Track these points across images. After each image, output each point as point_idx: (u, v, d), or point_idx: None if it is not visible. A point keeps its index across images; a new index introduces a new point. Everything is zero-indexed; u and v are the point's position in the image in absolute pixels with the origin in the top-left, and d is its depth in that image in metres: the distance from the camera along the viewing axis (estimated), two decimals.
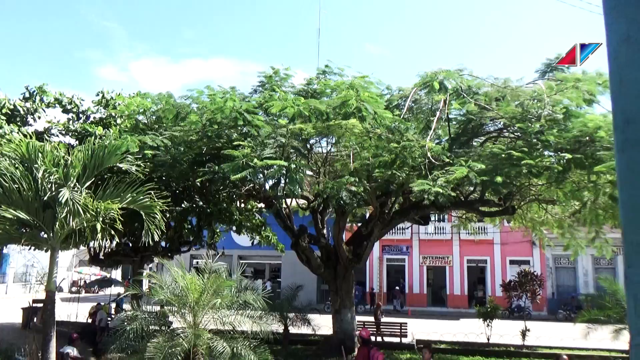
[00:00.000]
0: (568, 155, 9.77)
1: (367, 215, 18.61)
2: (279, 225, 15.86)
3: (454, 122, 13.33)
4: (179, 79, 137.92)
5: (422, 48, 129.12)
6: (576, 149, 10.34)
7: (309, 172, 13.14)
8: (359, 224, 17.59)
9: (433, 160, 10.50)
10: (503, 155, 10.37)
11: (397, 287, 31.01)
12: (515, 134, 12.09)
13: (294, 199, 14.75)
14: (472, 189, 13.35)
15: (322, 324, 15.54)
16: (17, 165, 9.45)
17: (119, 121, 16.60)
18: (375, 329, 17.14)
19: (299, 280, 18.72)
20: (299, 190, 11.23)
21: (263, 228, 19.47)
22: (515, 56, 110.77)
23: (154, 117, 15.19)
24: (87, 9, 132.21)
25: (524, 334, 16.67)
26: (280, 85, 13.84)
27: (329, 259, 15.43)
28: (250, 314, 9.01)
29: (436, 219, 30.24)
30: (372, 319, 18.35)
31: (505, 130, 12.83)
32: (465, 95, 11.78)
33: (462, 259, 30.99)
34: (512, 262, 29.99)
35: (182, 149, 13.04)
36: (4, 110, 15.55)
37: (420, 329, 17.78)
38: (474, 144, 13.32)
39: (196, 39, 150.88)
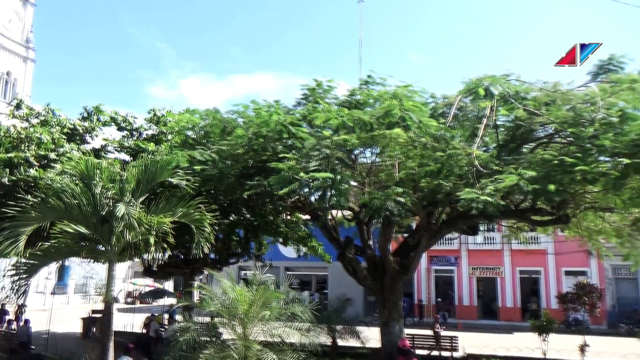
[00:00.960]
0: (626, 160, 9.26)
1: (414, 225, 18.34)
2: (324, 236, 15.89)
3: (502, 129, 12.96)
4: (225, 94, 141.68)
5: (466, 55, 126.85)
6: (634, 153, 9.79)
7: (353, 183, 13.12)
8: (406, 235, 17.36)
9: (481, 169, 10.24)
10: (555, 162, 9.96)
11: (440, 299, 30.29)
12: (568, 139, 11.60)
13: (339, 210, 14.75)
14: (522, 197, 12.90)
15: (371, 336, 15.36)
16: (77, 182, 9.98)
17: (169, 137, 17.20)
18: (434, 343, 16.74)
19: (345, 292, 18.63)
20: (346, 201, 11.22)
21: (309, 239, 19.57)
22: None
23: (202, 132, 15.64)
24: (139, 31, 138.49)
25: (582, 349, 15.83)
26: (323, 97, 13.94)
27: (376, 270, 15.27)
28: (298, 326, 9.05)
29: (485, 228, 29.39)
30: (421, 331, 17.98)
31: (556, 136, 12.34)
32: (512, 100, 11.45)
33: (514, 270, 29.92)
34: (567, 273, 28.67)
35: (229, 162, 13.33)
36: (64, 130, 16.44)
37: (471, 343, 17.24)
38: (524, 150, 12.90)
39: (240, 55, 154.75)
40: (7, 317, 22.22)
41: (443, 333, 18.08)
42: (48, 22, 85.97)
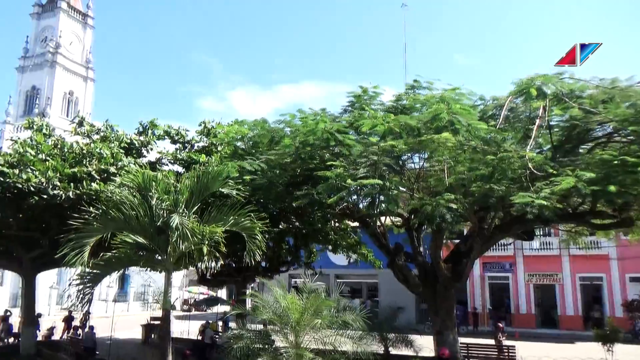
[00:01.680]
0: None
1: (465, 231, 17.89)
2: (374, 244, 15.79)
3: (556, 129, 12.46)
4: (272, 104, 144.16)
5: (514, 55, 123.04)
6: None
7: (402, 189, 13.00)
8: (457, 241, 16.96)
9: (535, 171, 9.89)
10: (616, 162, 9.47)
11: (490, 308, 29.30)
12: (628, 137, 11.02)
13: (388, 217, 14.63)
14: (581, 200, 12.32)
15: (424, 345, 15.07)
16: (135, 194, 10.44)
17: (219, 148, 17.65)
18: (497, 353, 16.20)
19: (396, 299, 18.40)
20: (395, 207, 11.14)
21: (358, 247, 19.50)
22: (622, 56, 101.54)
23: (250, 143, 15.97)
24: (189, 47, 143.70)
25: None
26: (369, 104, 13.91)
27: (427, 277, 14.99)
28: (350, 334, 9.03)
29: (542, 233, 28.20)
30: (476, 340, 17.45)
31: (616, 135, 11.73)
32: (567, 99, 11.01)
33: (574, 277, 28.48)
34: (632, 279, 26.97)
35: (277, 171, 13.53)
36: (122, 145, 17.23)
37: (530, 353, 16.56)
38: (581, 151, 12.34)
39: (286, 65, 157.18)
40: (73, 324, 23.46)
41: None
42: (106, 43, 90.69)
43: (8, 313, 23.25)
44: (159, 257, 10.28)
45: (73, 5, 57.40)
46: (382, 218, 14.77)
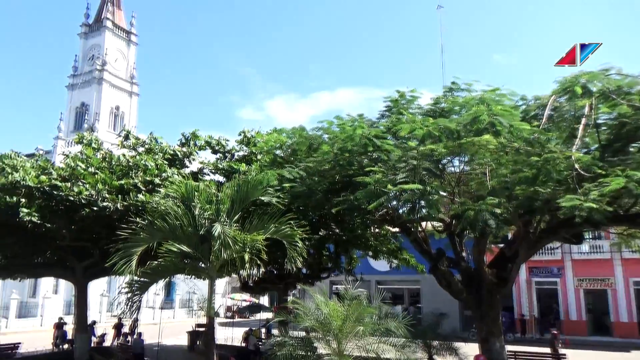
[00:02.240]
0: None
1: (510, 235, 17.38)
2: (415, 249, 15.58)
3: (604, 128, 11.94)
4: (309, 111, 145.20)
5: (555, 53, 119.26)
6: None
7: (443, 193, 12.79)
8: (501, 245, 16.49)
9: (582, 172, 9.51)
10: None
11: (524, 315, 28.27)
12: None
13: (429, 222, 14.42)
14: (632, 201, 11.76)
15: (469, 352, 14.72)
16: (178, 204, 10.75)
17: (259, 157, 17.92)
18: None
19: (439, 305, 18.04)
20: (436, 212, 10.97)
21: (399, 252, 19.29)
22: None
23: (289, 151, 16.12)
24: (227, 58, 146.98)
25: None
26: (407, 108, 13.79)
27: (471, 283, 14.62)
28: (393, 341, 8.94)
29: (591, 236, 27.03)
30: (524, 348, 16.88)
31: None
32: (614, 96, 10.55)
33: (627, 281, 27.11)
34: None
35: (316, 179, 13.58)
36: (166, 156, 17.79)
37: None
38: (631, 150, 11.78)
39: (322, 72, 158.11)
40: (123, 330, 24.28)
41: (545, 350, 16.82)
42: (148, 57, 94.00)
43: (62, 320, 24.31)
44: (203, 265, 10.52)
45: (117, 24, 59.87)
46: (423, 223, 14.55)
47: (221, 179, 17.91)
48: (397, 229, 16.62)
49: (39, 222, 14.42)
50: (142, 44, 72.11)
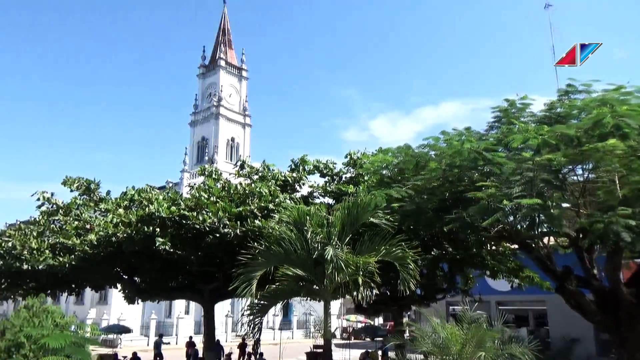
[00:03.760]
0: None
1: None
2: (538, 267, 14.47)
3: None
4: (413, 128, 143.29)
5: None
6: None
7: (566, 205, 11.80)
8: None
9: None
10: None
11: None
12: None
13: (552, 237, 13.35)
14: None
15: None
16: (292, 229, 11.21)
17: (366, 178, 18.07)
18: None
19: (570, 328, 16.38)
20: (560, 227, 10.16)
21: (520, 270, 18.03)
22: None
23: (396, 170, 16.04)
24: (329, 82, 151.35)
25: None
26: (518, 117, 13.04)
27: (606, 304, 13.15)
28: None
29: None
30: None
31: None
32: None
33: None
34: None
35: (425, 197, 13.32)
36: (278, 182, 18.70)
37: None
38: None
39: (424, 87, 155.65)
40: (247, 350, 25.61)
41: None
42: (257, 90, 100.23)
43: (192, 339, 26.35)
44: (317, 288, 10.79)
45: (230, 62, 64.97)
46: (545, 239, 13.49)
47: (330, 201, 18.30)
48: (516, 246, 15.61)
49: (171, 249, 15.93)
50: (252, 77, 77.18)
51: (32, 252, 17.76)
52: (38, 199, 19.44)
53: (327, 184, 19.43)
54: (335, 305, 47.32)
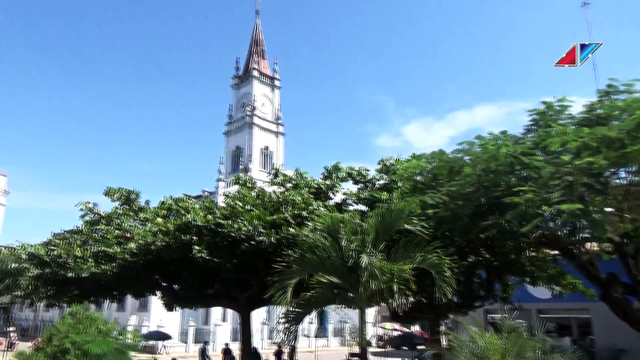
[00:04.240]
0: None
1: None
2: (581, 274, 13.99)
3: None
4: (446, 133, 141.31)
5: None
6: None
7: (609, 209, 11.38)
8: None
9: None
10: None
11: None
12: None
13: (594, 243, 12.89)
14: None
15: None
16: (325, 236, 11.24)
17: (399, 184, 17.92)
18: None
19: (616, 338, 15.68)
20: (602, 232, 9.83)
21: (562, 277, 17.46)
22: None
23: (429, 176, 15.86)
24: (361, 88, 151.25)
25: None
26: (556, 119, 12.72)
27: None
28: None
29: None
30: None
31: None
32: None
33: None
34: None
35: (460, 202, 13.13)
36: (311, 190, 18.80)
37: None
38: None
39: (458, 91, 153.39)
40: (283, 357, 25.70)
41: None
42: (290, 98, 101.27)
43: (228, 346, 26.66)
44: (352, 296, 10.76)
45: (263, 72, 65.99)
46: (588, 245, 13.04)
47: (364, 208, 18.24)
48: (556, 252, 15.14)
49: (207, 257, 16.23)
50: (284, 86, 78.04)
51: (77, 261, 18.43)
52: (82, 209, 20.21)
53: (360, 191, 19.38)
54: (371, 312, 46.89)
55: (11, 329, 39.22)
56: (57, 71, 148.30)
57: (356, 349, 22.75)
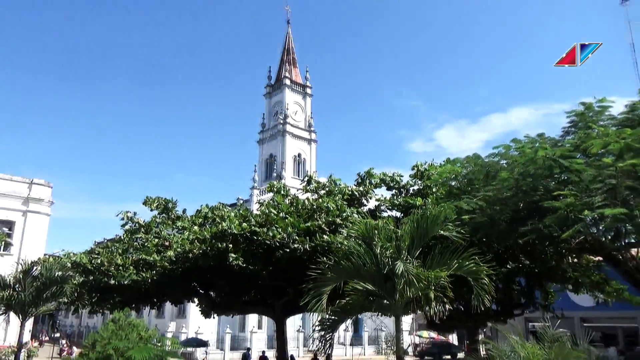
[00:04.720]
0: None
1: None
2: (627, 281, 13.43)
3: None
4: (481, 137, 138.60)
5: None
6: None
7: None
8: None
9: None
10: None
11: None
12: None
13: None
14: None
15: None
16: (360, 243, 11.20)
17: (434, 190, 17.70)
18: None
19: None
20: None
21: (606, 284, 16.80)
22: None
23: (465, 181, 15.60)
24: (393, 93, 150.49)
25: None
26: (596, 120, 12.32)
27: None
28: None
29: None
30: None
31: None
32: None
33: None
34: None
35: (497, 207, 12.86)
36: (345, 197, 18.79)
37: None
38: None
39: (491, 94, 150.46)
40: None
41: None
42: (322, 105, 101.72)
43: (264, 354, 26.81)
44: (388, 303, 10.65)
45: (295, 80, 66.59)
46: (634, 250, 12.53)
47: (398, 214, 18.09)
48: (600, 258, 14.60)
49: (243, 264, 16.43)
50: (316, 93, 78.42)
51: (118, 268, 19.01)
52: (122, 219, 20.89)
53: (394, 197, 19.23)
54: (407, 320, 46.23)
55: (62, 341, 40.81)
56: (99, 90, 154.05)
57: (392, 358, 22.48)
